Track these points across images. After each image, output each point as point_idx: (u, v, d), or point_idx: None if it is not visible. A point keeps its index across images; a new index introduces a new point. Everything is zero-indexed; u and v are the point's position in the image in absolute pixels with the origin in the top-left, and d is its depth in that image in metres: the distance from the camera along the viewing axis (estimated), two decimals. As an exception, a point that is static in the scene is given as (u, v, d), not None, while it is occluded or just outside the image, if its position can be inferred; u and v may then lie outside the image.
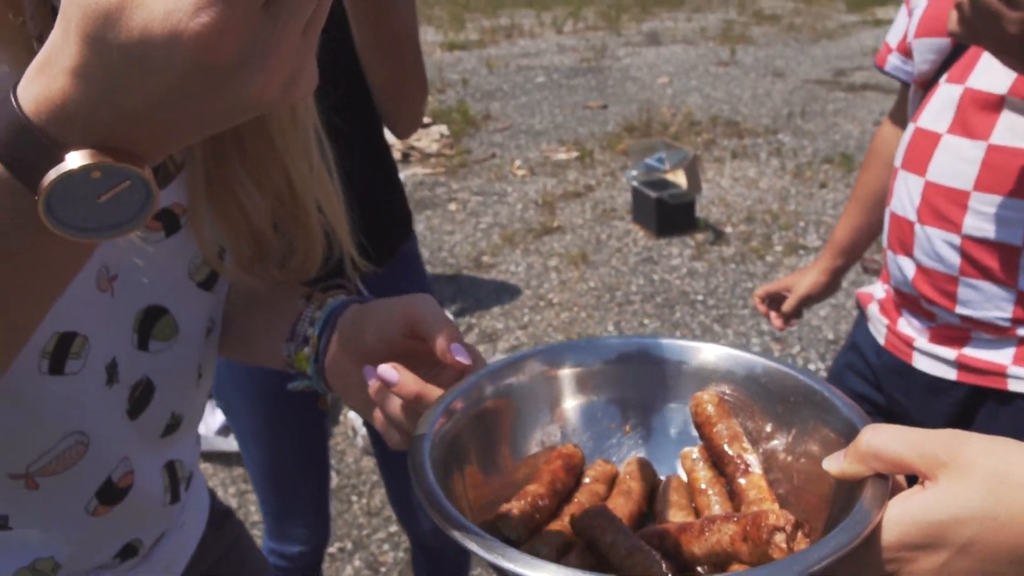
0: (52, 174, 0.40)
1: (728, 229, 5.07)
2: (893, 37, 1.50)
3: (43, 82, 0.40)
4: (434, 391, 0.64)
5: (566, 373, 0.68)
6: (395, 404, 0.67)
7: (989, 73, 1.18)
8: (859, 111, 7.82)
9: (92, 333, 0.66)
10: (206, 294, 0.77)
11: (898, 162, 1.35)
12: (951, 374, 1.29)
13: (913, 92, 1.41)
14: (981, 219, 1.19)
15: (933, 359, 1.31)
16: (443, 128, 7.83)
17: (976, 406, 1.27)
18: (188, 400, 0.80)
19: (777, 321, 1.72)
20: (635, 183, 5.16)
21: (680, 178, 4.98)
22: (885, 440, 0.50)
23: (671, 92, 9.52)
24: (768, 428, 0.63)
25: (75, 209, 0.42)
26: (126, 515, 0.75)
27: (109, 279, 0.67)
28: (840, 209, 5.34)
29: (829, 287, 1.67)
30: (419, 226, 5.47)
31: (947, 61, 1.28)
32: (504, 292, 4.35)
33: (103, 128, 0.41)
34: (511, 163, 6.83)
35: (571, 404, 0.68)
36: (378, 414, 0.70)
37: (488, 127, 8.19)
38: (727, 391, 0.66)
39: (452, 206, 5.85)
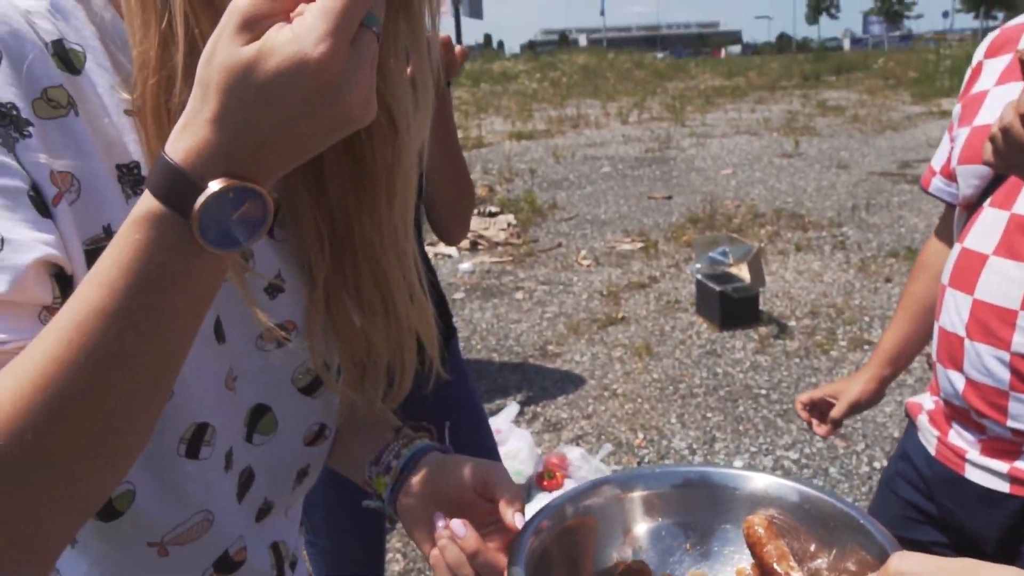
0: (199, 200, 0.54)
1: (792, 323, 5.11)
2: (937, 161, 1.59)
3: (187, 136, 0.54)
4: (488, 551, 0.76)
5: (636, 496, 0.80)
6: (454, 550, 0.78)
7: None
8: (925, 204, 7.82)
9: (219, 425, 0.77)
10: (307, 399, 0.88)
11: (945, 279, 1.42)
12: (1004, 487, 1.33)
13: (958, 214, 1.50)
14: None
15: (985, 471, 1.35)
16: (510, 217, 8.04)
17: None
18: (283, 490, 0.90)
19: (821, 429, 1.72)
20: (699, 276, 5.25)
21: (744, 272, 5.06)
22: (911, 566, 0.59)
23: (735, 183, 9.64)
24: (812, 548, 0.73)
25: (217, 228, 0.55)
26: None
27: (232, 379, 0.79)
28: (906, 304, 5.34)
29: (877, 395, 1.69)
30: (486, 314, 5.62)
31: (990, 186, 1.37)
32: (569, 381, 4.44)
33: (234, 160, 0.54)
34: (577, 253, 6.98)
35: (641, 527, 0.79)
36: (435, 552, 0.80)
37: (554, 216, 8.39)
38: (775, 515, 0.75)
39: (519, 295, 6.00)
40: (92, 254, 0.63)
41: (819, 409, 1.73)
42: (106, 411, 0.56)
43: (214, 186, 0.54)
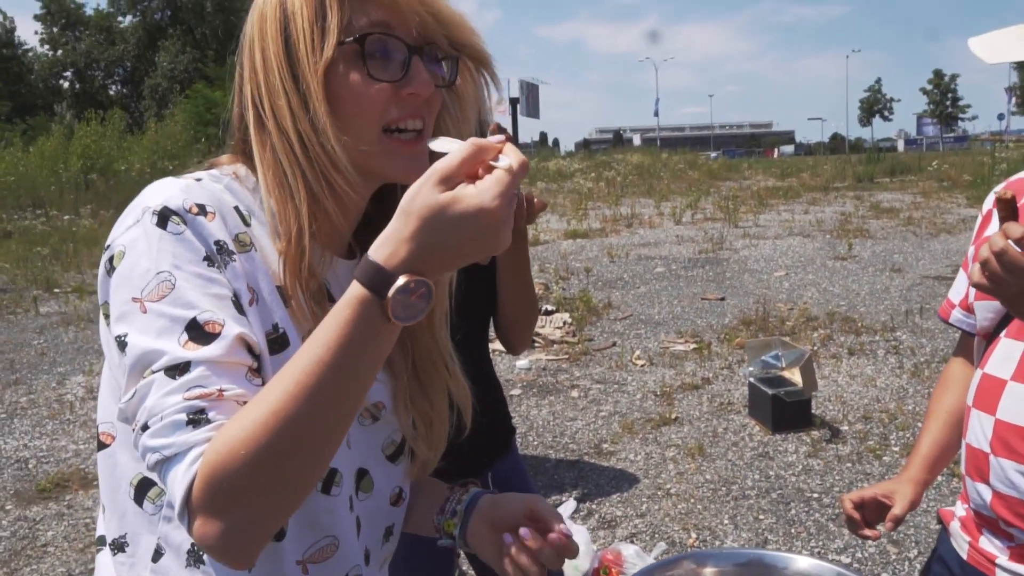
0: (393, 288, 0.79)
1: (844, 427, 5.19)
2: (955, 295, 1.76)
3: (388, 245, 0.80)
4: (548, 544, 1.01)
5: (708, 571, 1.06)
6: (525, 556, 1.03)
7: None
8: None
9: (344, 472, 1.02)
10: (392, 465, 1.13)
11: (970, 401, 1.57)
12: None
13: (977, 342, 1.65)
14: None
15: (1009, 574, 1.48)
16: (566, 316, 8.26)
17: None
18: (376, 544, 1.13)
19: (872, 532, 1.71)
20: (752, 379, 5.38)
21: (796, 376, 5.18)
22: None
23: (788, 285, 9.77)
24: None
25: (400, 307, 0.80)
26: None
27: (348, 442, 1.04)
28: (959, 411, 5.38)
29: (920, 498, 1.80)
30: (542, 411, 5.79)
31: (1004, 319, 1.54)
32: (623, 480, 4.56)
33: (418, 263, 0.80)
34: (631, 352, 7.15)
35: None
36: (507, 563, 1.04)
37: (609, 315, 8.59)
38: None
39: (574, 393, 6.16)
40: (271, 343, 0.91)
41: (869, 508, 1.72)
42: (318, 432, 0.81)
43: (402, 280, 0.79)
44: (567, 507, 3.75)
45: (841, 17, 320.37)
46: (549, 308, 8.47)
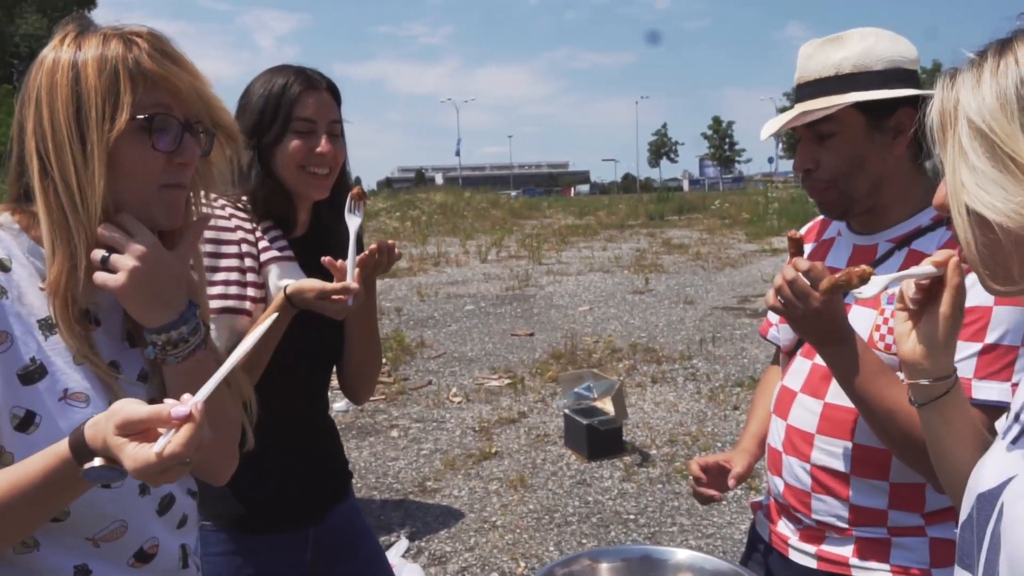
0: (87, 465, 0.97)
1: (653, 451, 5.51)
2: (773, 316, 2.01)
3: (94, 431, 0.97)
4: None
5: (603, 567, 1.22)
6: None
7: None
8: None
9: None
10: None
11: (772, 408, 1.83)
12: (813, 564, 1.70)
13: (782, 357, 1.92)
14: (822, 453, 1.66)
15: (802, 553, 1.73)
16: (381, 356, 8.25)
17: None
18: (192, 509, 1.34)
19: (713, 492, 1.85)
20: (566, 411, 5.62)
21: (608, 405, 5.46)
22: None
23: (592, 319, 10.23)
24: None
25: (90, 474, 0.96)
26: (154, 570, 1.22)
27: None
28: (752, 430, 5.86)
29: (751, 469, 1.95)
30: (363, 452, 5.77)
31: (801, 340, 1.78)
32: (450, 516, 4.64)
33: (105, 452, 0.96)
34: (447, 390, 7.26)
35: None
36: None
37: (423, 354, 8.67)
38: None
39: (394, 432, 6.19)
40: (27, 375, 1.09)
41: (712, 473, 1.88)
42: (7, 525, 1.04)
43: (97, 461, 0.97)
44: (399, 546, 3.77)
45: (631, 65, 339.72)
46: (364, 349, 8.42)
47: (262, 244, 1.84)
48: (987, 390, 1.42)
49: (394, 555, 3.59)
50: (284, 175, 1.83)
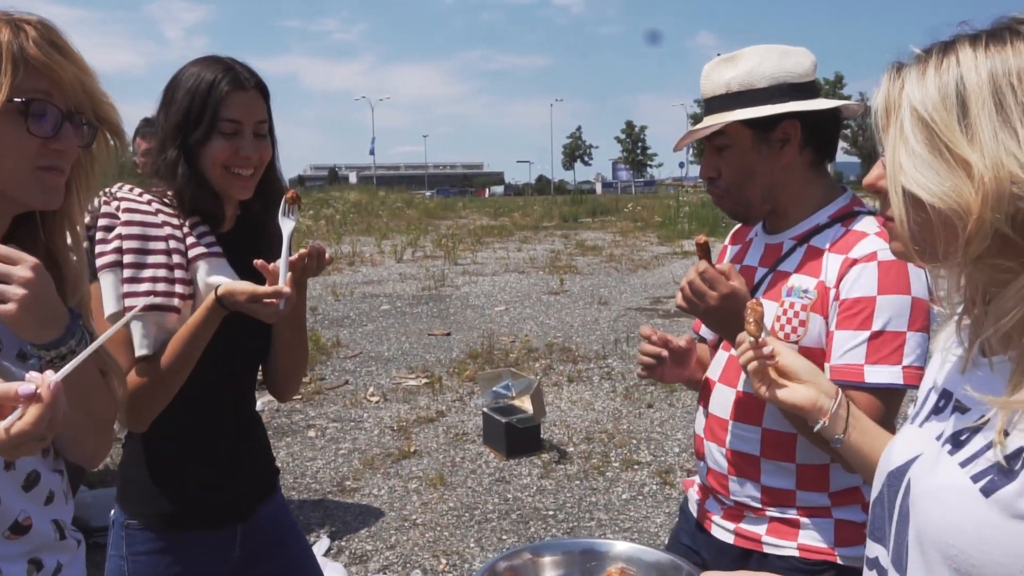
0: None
1: (571, 448, 5.61)
2: None
3: None
4: None
5: (545, 560, 1.26)
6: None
7: None
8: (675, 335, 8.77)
9: None
10: None
11: (698, 398, 1.95)
12: (731, 539, 1.82)
13: (709, 351, 2.02)
14: (736, 438, 1.78)
15: (722, 529, 1.85)
16: (296, 356, 8.15)
17: (746, 561, 1.79)
18: (57, 484, 1.35)
19: (653, 348, 1.91)
20: (485, 409, 5.66)
21: (526, 403, 5.53)
22: None
23: (508, 319, 10.31)
24: None
25: None
26: (31, 541, 1.27)
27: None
28: (667, 426, 6.03)
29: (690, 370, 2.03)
30: (280, 453, 5.71)
31: (721, 337, 1.90)
32: (370, 515, 4.63)
33: None
34: (365, 390, 7.22)
35: (549, 574, 1.26)
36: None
37: (339, 354, 8.60)
38: (625, 567, 1.19)
39: (311, 433, 6.13)
40: None
41: (659, 343, 1.93)
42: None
43: None
44: (320, 545, 3.75)
45: (546, 68, 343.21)
46: (278, 348, 8.31)
47: (190, 240, 1.83)
48: (878, 373, 1.55)
49: (315, 555, 3.57)
50: (209, 175, 1.83)
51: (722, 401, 1.82)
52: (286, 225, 1.84)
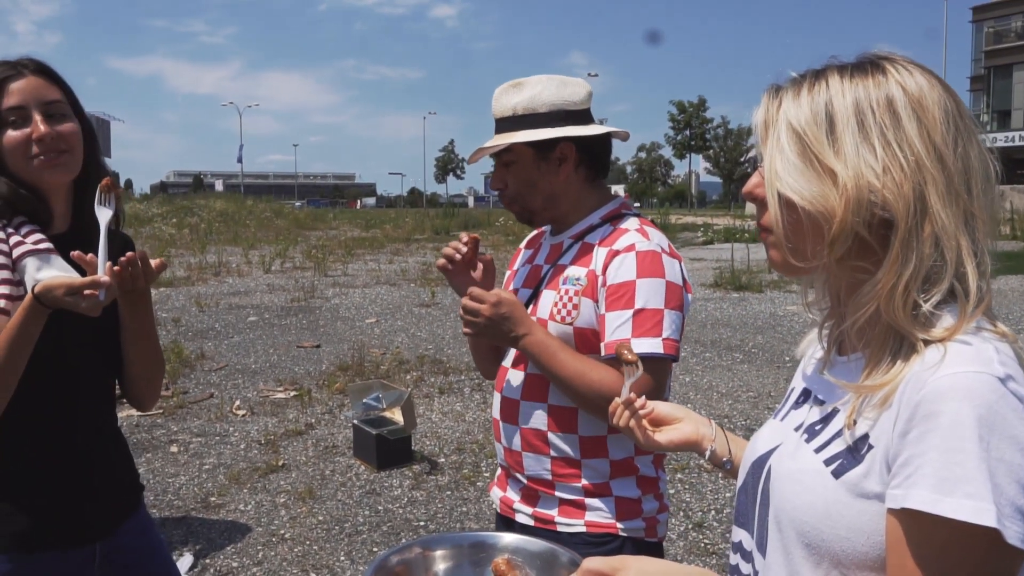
0: None
1: (442, 459, 5.63)
2: None
3: None
4: None
5: (436, 554, 1.33)
6: None
7: None
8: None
9: None
10: None
11: (493, 385, 2.11)
12: (531, 523, 1.97)
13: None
14: (527, 416, 1.94)
15: (523, 514, 1.99)
16: (158, 369, 7.86)
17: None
18: None
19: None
20: (355, 421, 5.62)
21: (397, 415, 5.52)
22: (589, 563, 1.04)
23: (379, 331, 10.25)
24: (533, 573, 1.27)
25: None
26: None
27: None
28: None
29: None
30: (140, 469, 5.47)
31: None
32: (236, 531, 4.52)
33: None
34: (231, 403, 7.04)
35: (441, 567, 1.33)
36: None
37: (203, 367, 8.35)
38: (511, 556, 1.28)
39: (173, 448, 5.94)
40: None
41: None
42: None
43: None
44: (184, 562, 3.64)
45: (419, 80, 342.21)
46: (138, 361, 8.00)
47: (14, 239, 1.76)
48: (642, 344, 1.77)
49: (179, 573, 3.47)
50: (16, 170, 1.78)
51: (513, 383, 1.99)
52: (103, 214, 1.79)
